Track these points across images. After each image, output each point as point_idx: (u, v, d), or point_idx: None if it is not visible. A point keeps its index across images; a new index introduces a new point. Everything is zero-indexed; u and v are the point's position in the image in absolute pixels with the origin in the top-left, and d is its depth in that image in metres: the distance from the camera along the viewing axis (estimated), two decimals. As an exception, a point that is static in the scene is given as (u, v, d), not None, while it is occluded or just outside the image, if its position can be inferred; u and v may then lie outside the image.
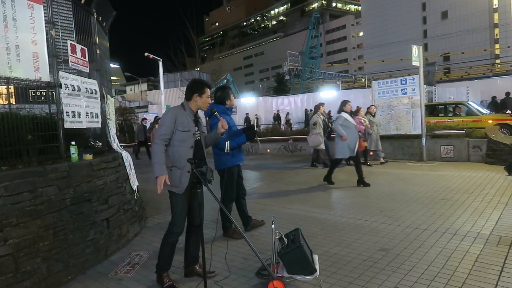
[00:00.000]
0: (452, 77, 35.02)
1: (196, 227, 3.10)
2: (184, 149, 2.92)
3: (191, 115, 3.02)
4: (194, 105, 3.04)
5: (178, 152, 2.92)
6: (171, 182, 2.92)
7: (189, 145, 2.94)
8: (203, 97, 3.03)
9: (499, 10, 50.44)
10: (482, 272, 2.99)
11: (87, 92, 4.04)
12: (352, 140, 6.67)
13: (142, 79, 49.76)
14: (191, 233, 3.16)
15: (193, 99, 3.02)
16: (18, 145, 3.19)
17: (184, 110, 3.00)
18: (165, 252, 3.02)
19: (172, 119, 2.93)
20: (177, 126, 2.92)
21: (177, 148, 2.93)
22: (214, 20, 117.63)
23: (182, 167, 2.91)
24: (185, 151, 2.92)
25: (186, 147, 2.93)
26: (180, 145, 2.92)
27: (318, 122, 9.26)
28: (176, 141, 2.93)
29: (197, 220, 3.07)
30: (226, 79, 30.00)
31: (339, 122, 6.73)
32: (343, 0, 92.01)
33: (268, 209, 5.48)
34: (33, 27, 3.37)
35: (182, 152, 2.92)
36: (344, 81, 40.94)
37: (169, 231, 3.01)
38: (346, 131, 6.66)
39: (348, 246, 3.73)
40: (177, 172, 2.91)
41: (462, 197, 5.53)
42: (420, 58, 9.80)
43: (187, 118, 2.97)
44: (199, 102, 3.03)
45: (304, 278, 2.89)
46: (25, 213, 2.91)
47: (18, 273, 2.79)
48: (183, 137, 2.92)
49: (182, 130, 2.92)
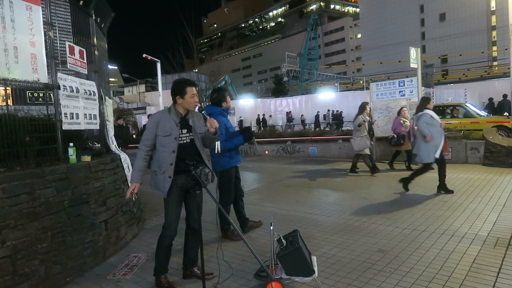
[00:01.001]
0: (450, 79, 35.16)
1: (195, 229, 3.09)
2: (165, 154, 2.89)
3: (177, 118, 2.94)
4: (180, 107, 2.97)
5: (161, 156, 2.92)
6: (156, 185, 2.95)
7: (170, 149, 2.88)
8: (186, 97, 2.92)
9: (496, 12, 50.69)
10: (480, 273, 3.00)
11: (86, 93, 4.03)
12: (439, 140, 5.98)
13: (140, 81, 49.72)
14: (189, 236, 3.16)
15: (177, 102, 2.95)
16: (16, 147, 3.17)
17: (168, 114, 2.95)
18: (161, 255, 3.02)
19: (154, 124, 2.91)
20: (158, 131, 2.89)
21: (160, 152, 2.92)
22: (212, 21, 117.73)
23: (163, 172, 2.89)
24: (166, 156, 2.89)
25: (167, 152, 2.89)
26: (162, 150, 2.91)
27: (364, 124, 8.19)
28: (159, 146, 2.92)
29: (195, 223, 3.07)
30: (224, 80, 30.02)
31: (425, 120, 6.03)
32: (341, 2, 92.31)
33: (267, 210, 5.48)
34: (31, 29, 3.37)
35: (163, 157, 2.90)
36: (342, 82, 41.08)
37: (162, 234, 3.01)
38: (433, 130, 5.99)
39: (346, 248, 3.73)
40: (160, 177, 2.91)
41: (460, 198, 5.54)
42: (418, 60, 9.84)
43: (169, 122, 2.91)
44: (183, 103, 2.94)
45: (302, 279, 2.89)
46: (23, 215, 2.90)
47: (16, 275, 2.77)
48: (164, 142, 2.89)
49: (162, 135, 2.89)
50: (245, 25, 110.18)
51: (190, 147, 2.98)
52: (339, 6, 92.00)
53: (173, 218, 2.98)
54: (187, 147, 2.95)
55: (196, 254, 3.16)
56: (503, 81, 20.98)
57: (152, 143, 2.92)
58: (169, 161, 2.88)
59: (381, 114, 10.36)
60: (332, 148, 12.22)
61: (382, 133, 10.31)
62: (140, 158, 2.91)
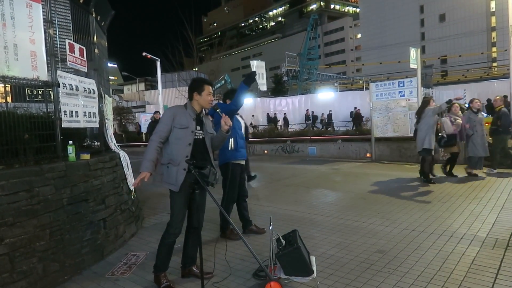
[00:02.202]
0: (449, 80, 35.22)
1: (195, 228, 3.09)
2: (181, 146, 2.91)
3: (193, 114, 3.00)
4: (196, 104, 3.04)
5: (175, 149, 2.92)
6: (167, 179, 2.93)
7: (187, 142, 2.92)
8: (203, 94, 3.01)
9: (496, 13, 50.75)
10: (478, 274, 3.00)
11: (85, 91, 4.02)
12: None
13: (139, 79, 49.68)
14: (189, 234, 3.15)
15: (194, 98, 3.04)
16: (15, 144, 3.16)
17: (185, 109, 3.01)
18: (163, 253, 3.01)
19: (170, 117, 2.94)
20: (175, 124, 2.93)
21: (174, 145, 2.93)
22: (212, 20, 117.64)
23: (177, 164, 2.90)
24: (182, 148, 2.91)
25: (183, 144, 2.91)
26: (177, 142, 2.92)
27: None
28: (174, 138, 2.93)
29: (195, 222, 3.06)
30: (224, 79, 29.98)
31: None
32: (341, 2, 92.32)
33: (265, 210, 5.48)
34: (31, 26, 3.36)
35: (178, 149, 2.91)
36: (342, 82, 41.10)
37: (166, 231, 3.00)
38: None
39: (345, 248, 3.73)
40: (173, 169, 2.90)
41: (459, 199, 5.55)
42: (418, 60, 9.85)
43: (186, 116, 2.97)
44: (199, 100, 3.02)
45: (301, 279, 2.89)
46: (22, 212, 2.89)
47: (14, 272, 2.77)
48: (180, 134, 2.92)
49: (179, 127, 2.92)
50: (245, 24, 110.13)
51: (201, 144, 3.03)
52: (339, 6, 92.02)
53: (179, 216, 2.97)
54: (199, 143, 3.00)
55: (196, 253, 3.16)
56: (503, 82, 21.02)
57: (166, 135, 2.93)
58: (185, 153, 2.89)
59: (380, 115, 10.38)
60: (331, 148, 12.23)
61: (381, 133, 10.33)
62: (153, 148, 2.88)
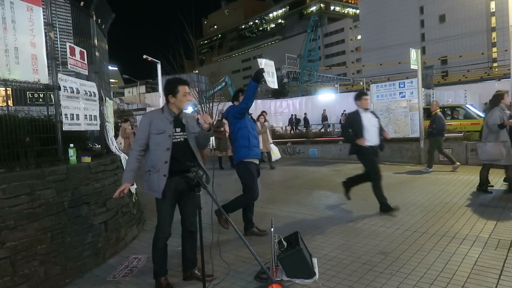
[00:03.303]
0: (450, 81, 35.19)
1: (191, 232, 3.07)
2: (160, 152, 2.88)
3: (170, 117, 2.95)
4: (173, 106, 2.98)
5: (155, 155, 2.90)
6: (150, 187, 2.91)
7: (165, 147, 2.87)
8: (178, 96, 2.93)
9: (496, 14, 50.74)
10: (481, 275, 2.99)
11: (86, 94, 4.03)
12: None
13: (140, 82, 49.71)
14: (185, 238, 3.12)
15: (170, 101, 2.96)
16: (16, 147, 3.17)
17: (161, 113, 2.97)
18: (158, 257, 3.00)
19: (147, 124, 2.92)
20: (152, 130, 2.89)
21: (154, 151, 2.91)
22: (212, 23, 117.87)
23: (157, 170, 2.87)
24: (160, 154, 2.88)
25: (161, 149, 2.88)
26: (156, 148, 2.90)
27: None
28: (152, 144, 2.91)
29: (191, 226, 3.04)
30: (225, 81, 30.00)
31: None
32: (341, 4, 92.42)
33: (267, 212, 5.47)
34: (32, 29, 3.37)
35: (158, 155, 2.88)
36: (343, 84, 41.05)
37: (155, 235, 2.99)
38: None
39: (347, 250, 3.72)
40: (154, 176, 2.88)
41: (461, 200, 5.53)
42: (418, 61, 9.84)
43: (163, 120, 2.92)
44: (176, 102, 2.95)
45: (303, 281, 2.88)
46: (23, 216, 2.89)
47: (15, 276, 2.76)
48: (158, 140, 2.89)
49: (156, 133, 2.89)
50: (245, 27, 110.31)
51: (184, 146, 2.97)
52: (339, 8, 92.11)
53: (166, 220, 2.95)
54: (181, 146, 2.94)
55: (195, 256, 3.15)
56: (503, 82, 21.01)
57: (145, 143, 2.91)
58: (164, 159, 2.86)
59: (381, 116, 10.36)
60: (332, 149, 12.21)
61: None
62: (133, 158, 2.90)
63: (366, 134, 5.00)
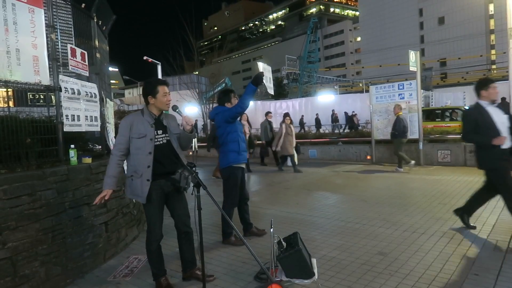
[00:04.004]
0: (449, 82, 35.28)
1: (187, 232, 3.06)
2: (141, 156, 2.82)
3: (151, 119, 2.89)
4: (153, 107, 2.91)
5: (136, 159, 2.84)
6: (133, 192, 2.87)
7: (147, 151, 2.81)
8: (158, 97, 2.86)
9: (495, 16, 50.87)
10: (479, 276, 3.01)
11: (87, 95, 4.05)
12: None
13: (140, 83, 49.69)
14: (181, 240, 3.11)
15: (149, 102, 2.89)
16: (17, 148, 3.18)
17: (142, 116, 2.90)
18: (153, 259, 3.00)
19: (127, 127, 2.85)
20: (132, 134, 2.82)
21: (135, 156, 2.85)
22: (212, 24, 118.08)
23: (140, 175, 2.82)
24: (142, 158, 2.82)
25: (143, 154, 2.82)
26: (137, 153, 2.83)
27: None
28: (134, 149, 2.84)
29: (184, 227, 3.03)
30: (225, 82, 30.04)
31: None
32: (341, 6, 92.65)
33: (266, 212, 5.49)
34: (33, 31, 3.39)
35: (140, 159, 2.83)
36: (342, 85, 41.15)
37: (147, 239, 2.97)
38: None
39: (346, 250, 3.74)
40: (137, 181, 2.83)
41: (459, 201, 5.54)
42: (417, 63, 9.88)
43: (143, 123, 2.85)
44: (156, 103, 2.88)
45: (302, 282, 2.89)
46: (24, 216, 2.90)
47: (16, 276, 2.78)
48: (139, 144, 2.82)
49: (137, 137, 2.82)
50: (245, 28, 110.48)
51: (166, 148, 2.92)
52: (339, 10, 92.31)
53: (156, 222, 2.93)
54: (163, 148, 2.90)
55: (193, 256, 3.15)
56: (502, 84, 21.03)
57: (125, 147, 2.84)
58: (146, 163, 2.81)
59: (380, 117, 10.40)
60: (332, 150, 12.24)
61: (382, 135, 10.34)
62: (114, 163, 2.82)
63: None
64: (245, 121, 10.03)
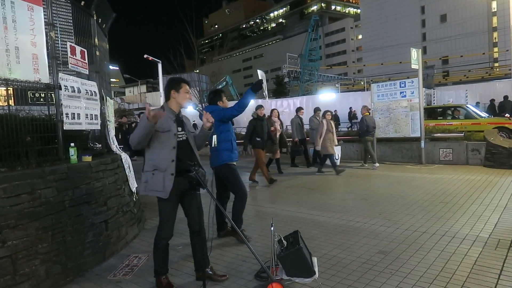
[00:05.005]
0: (451, 80, 35.16)
1: (198, 232, 3.04)
2: (165, 150, 2.82)
3: (172, 115, 2.91)
4: (174, 103, 2.95)
5: (160, 154, 2.82)
6: (153, 187, 2.84)
7: (171, 146, 2.82)
8: (181, 92, 2.93)
9: (497, 13, 50.66)
10: (481, 275, 2.99)
11: (87, 94, 4.04)
12: None
13: (141, 81, 49.80)
14: (194, 239, 3.08)
15: (171, 96, 2.93)
16: (17, 147, 3.18)
17: (163, 111, 2.88)
18: (158, 257, 2.98)
19: None
20: (156, 127, 2.76)
21: (158, 150, 2.83)
22: (213, 22, 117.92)
23: (164, 170, 2.80)
24: (167, 153, 2.82)
25: (167, 148, 2.82)
26: (161, 147, 2.83)
27: None
28: (156, 143, 2.83)
29: (197, 225, 3.02)
30: (225, 81, 30.03)
31: None
32: (342, 3, 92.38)
33: (267, 211, 5.48)
34: (32, 29, 3.38)
35: (163, 154, 2.82)
36: (343, 83, 41.01)
37: (157, 235, 2.95)
38: None
39: (347, 249, 3.72)
40: (159, 176, 2.81)
41: (461, 200, 5.53)
42: (419, 61, 9.83)
43: (166, 119, 2.85)
44: (177, 98, 2.93)
45: (303, 280, 2.89)
46: (24, 215, 2.90)
47: (16, 275, 2.78)
48: (163, 138, 2.82)
49: (161, 131, 2.82)
50: (246, 26, 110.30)
51: (185, 145, 2.94)
52: (340, 7, 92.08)
53: (169, 220, 2.92)
54: (183, 145, 2.91)
55: (206, 256, 3.12)
56: (504, 82, 20.98)
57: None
58: (170, 157, 2.81)
59: (382, 115, 10.36)
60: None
61: (383, 134, 10.32)
62: None
63: None
64: (275, 117, 9.48)
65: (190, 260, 3.39)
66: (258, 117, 7.89)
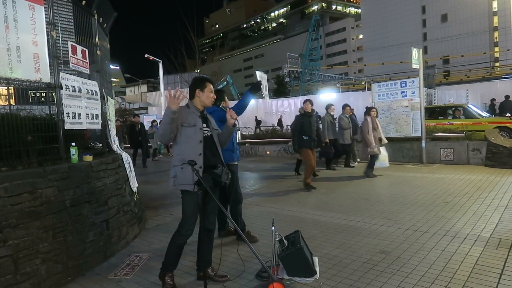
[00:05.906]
0: (452, 80, 35.11)
1: (209, 230, 3.04)
2: (193, 144, 2.86)
3: (197, 112, 2.97)
4: (198, 101, 3.00)
5: (187, 147, 2.85)
6: (183, 181, 2.83)
7: (198, 139, 2.87)
8: (205, 91, 2.98)
9: (498, 13, 50.61)
10: (482, 274, 2.99)
11: (88, 93, 4.04)
12: None
13: (142, 81, 49.78)
14: (203, 237, 3.06)
15: (196, 95, 2.98)
16: (18, 146, 3.18)
17: (188, 109, 2.97)
18: (172, 252, 2.94)
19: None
20: (182, 122, 2.84)
21: (186, 144, 2.86)
22: (214, 22, 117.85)
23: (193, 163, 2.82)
24: (194, 146, 2.85)
25: (194, 142, 2.86)
26: (188, 141, 2.86)
27: None
28: (183, 137, 2.87)
29: (210, 224, 3.02)
30: (226, 81, 30.03)
31: None
32: (343, 3, 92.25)
33: (268, 211, 5.48)
34: (34, 28, 3.38)
35: (191, 148, 2.85)
36: (344, 83, 40.96)
37: (177, 232, 2.92)
38: None
39: (348, 249, 3.72)
40: (188, 169, 2.78)
41: (462, 199, 5.52)
42: (420, 60, 9.82)
43: (191, 114, 2.93)
44: (202, 97, 2.98)
45: (304, 280, 2.88)
46: (25, 214, 2.90)
47: (17, 274, 2.78)
48: (189, 132, 2.87)
49: (187, 125, 2.87)
50: (246, 26, 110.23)
51: (210, 141, 2.98)
52: (341, 7, 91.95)
53: (193, 217, 2.89)
54: (208, 141, 2.95)
55: (210, 255, 3.12)
56: (505, 82, 20.95)
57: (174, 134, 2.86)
58: (198, 151, 2.85)
59: (382, 115, 10.35)
60: (334, 148, 12.17)
61: (384, 133, 10.29)
62: None
63: None
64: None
65: (190, 260, 3.39)
66: (305, 113, 6.96)
